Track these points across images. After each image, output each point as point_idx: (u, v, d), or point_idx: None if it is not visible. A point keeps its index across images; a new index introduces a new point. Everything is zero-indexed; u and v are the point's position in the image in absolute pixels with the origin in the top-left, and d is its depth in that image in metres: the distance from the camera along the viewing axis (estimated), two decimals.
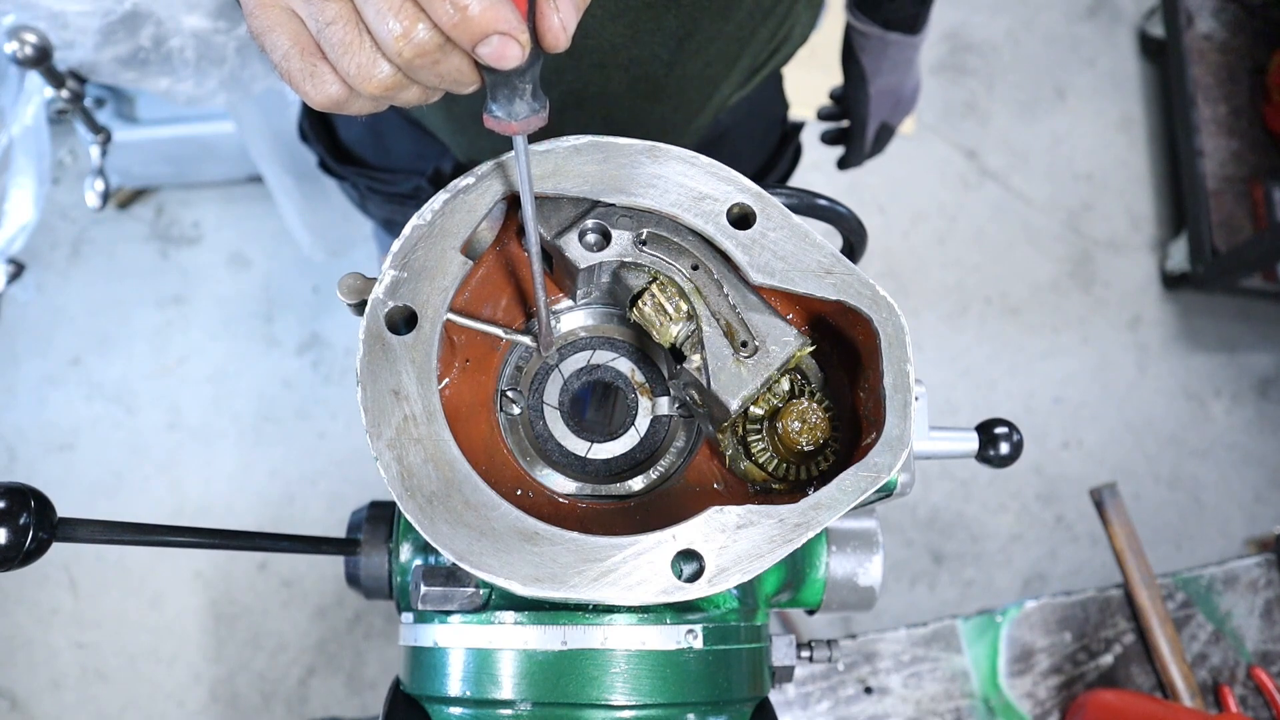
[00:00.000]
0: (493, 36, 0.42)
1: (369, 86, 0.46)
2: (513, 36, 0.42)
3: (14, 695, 2.16)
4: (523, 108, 0.47)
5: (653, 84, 0.93)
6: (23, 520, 0.50)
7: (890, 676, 1.13)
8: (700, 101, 1.01)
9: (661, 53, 0.89)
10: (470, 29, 0.41)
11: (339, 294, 0.57)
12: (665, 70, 0.92)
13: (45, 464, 2.33)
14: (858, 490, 0.53)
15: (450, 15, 0.41)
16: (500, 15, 0.41)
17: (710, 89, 1.00)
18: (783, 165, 1.29)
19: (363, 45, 0.45)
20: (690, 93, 0.98)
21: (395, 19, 0.42)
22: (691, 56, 0.91)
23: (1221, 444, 2.68)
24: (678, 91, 0.96)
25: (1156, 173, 2.96)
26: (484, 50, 0.42)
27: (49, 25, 1.68)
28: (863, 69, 1.17)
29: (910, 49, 1.17)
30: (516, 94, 0.46)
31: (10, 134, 1.84)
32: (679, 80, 0.94)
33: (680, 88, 0.96)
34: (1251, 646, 1.21)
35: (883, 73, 1.18)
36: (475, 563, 0.50)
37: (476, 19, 0.41)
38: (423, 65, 0.44)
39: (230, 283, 2.52)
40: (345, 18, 0.44)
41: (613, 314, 0.68)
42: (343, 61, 0.45)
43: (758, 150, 1.27)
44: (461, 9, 0.41)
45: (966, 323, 2.70)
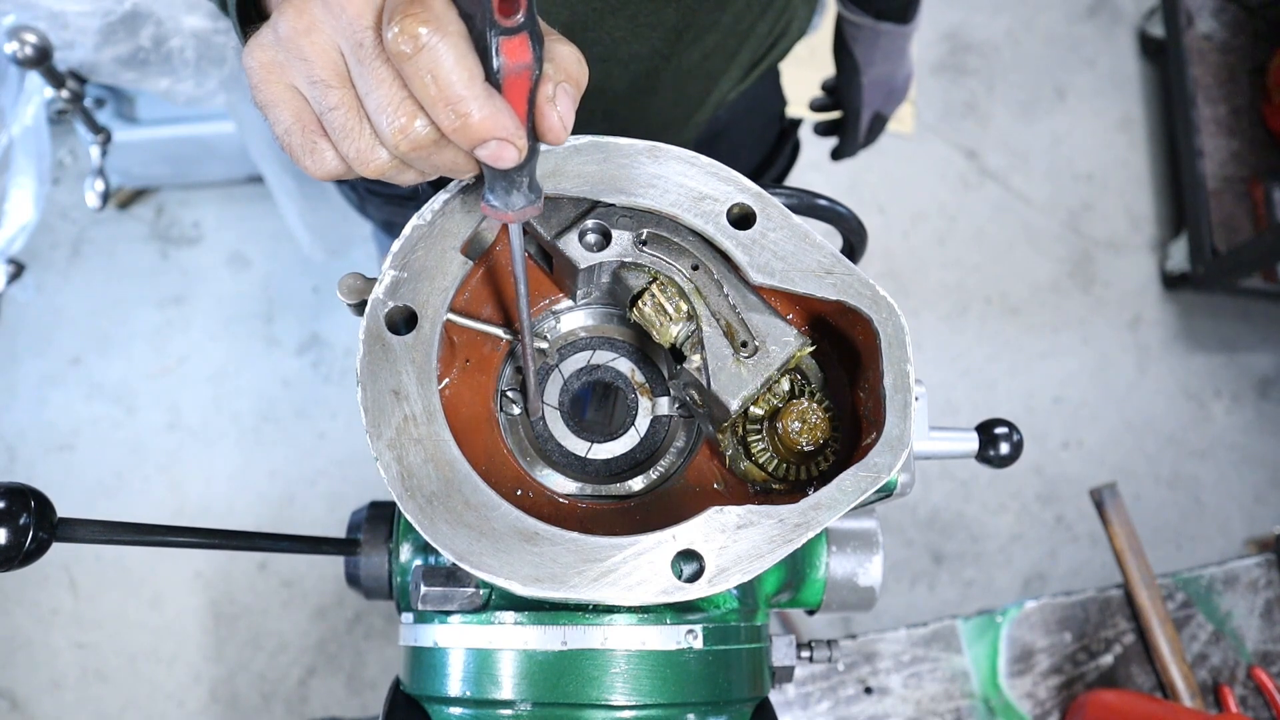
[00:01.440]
0: (490, 141, 0.43)
1: (367, 170, 0.47)
2: (510, 141, 0.43)
3: (14, 695, 2.16)
4: (519, 199, 0.48)
5: (652, 79, 0.93)
6: (23, 520, 0.50)
7: (890, 676, 1.13)
8: (700, 96, 1.01)
9: (661, 46, 0.89)
10: (469, 134, 0.43)
11: (339, 294, 0.57)
12: (664, 64, 0.92)
13: (45, 464, 2.33)
14: (858, 490, 0.53)
15: (450, 120, 0.42)
16: (499, 123, 0.43)
17: (710, 84, 1.00)
18: (781, 162, 1.29)
19: (362, 132, 0.46)
20: (689, 87, 0.98)
21: (395, 114, 0.44)
22: (689, 48, 0.91)
23: (1221, 444, 2.68)
24: (676, 86, 0.96)
25: (1156, 173, 2.96)
26: (482, 153, 0.44)
27: (49, 25, 1.68)
28: (855, 60, 1.18)
29: (902, 38, 1.17)
30: (514, 187, 0.48)
31: (10, 134, 1.84)
32: (678, 74, 0.94)
33: (679, 82, 0.96)
34: (1251, 646, 1.21)
35: (875, 63, 1.18)
36: (475, 563, 0.50)
37: (475, 125, 0.42)
38: (419, 157, 0.46)
39: (230, 283, 2.52)
40: (347, 104, 0.46)
41: (613, 314, 0.68)
42: (343, 144, 0.47)
43: (756, 146, 1.27)
44: (462, 115, 0.42)
45: (966, 323, 2.70)
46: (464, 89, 0.41)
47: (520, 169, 0.46)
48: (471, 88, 0.41)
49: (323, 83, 0.45)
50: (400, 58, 0.41)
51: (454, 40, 0.41)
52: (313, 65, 0.45)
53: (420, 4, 0.40)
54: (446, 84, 0.41)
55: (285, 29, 0.46)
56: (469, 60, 0.41)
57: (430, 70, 0.41)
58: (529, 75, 0.43)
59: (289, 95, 0.47)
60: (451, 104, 0.42)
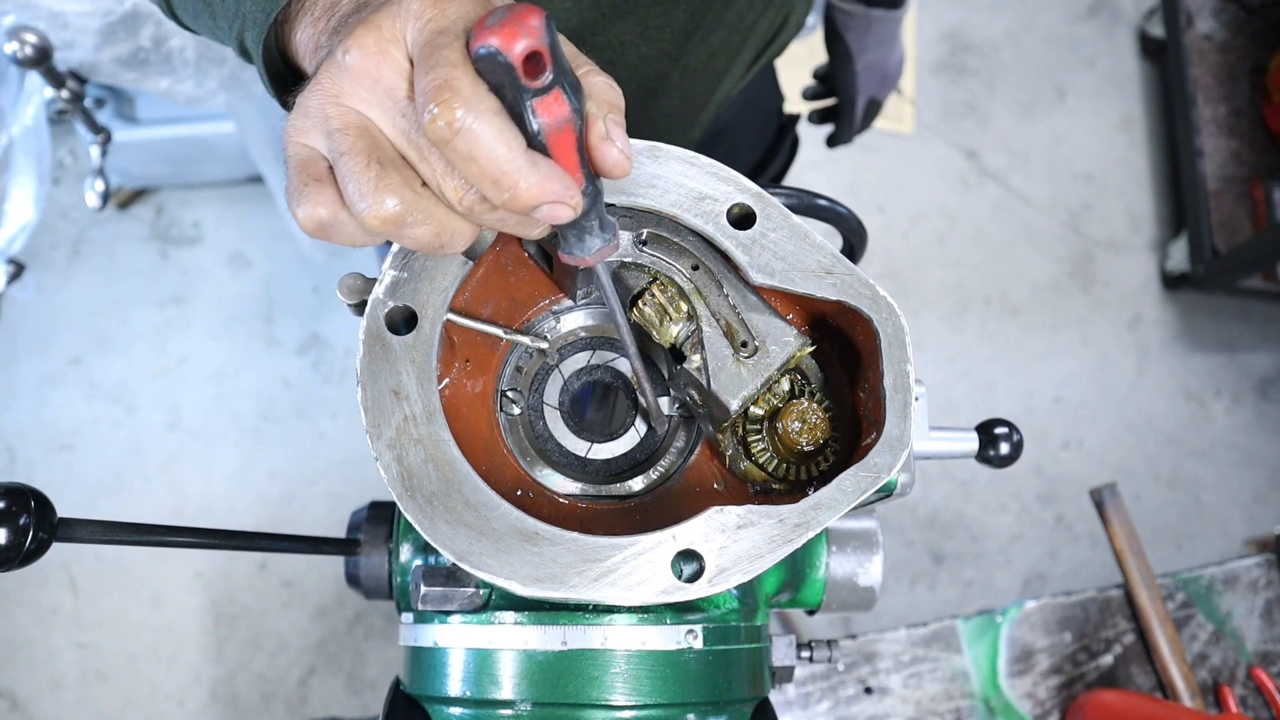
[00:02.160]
0: (543, 206, 0.43)
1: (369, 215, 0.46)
2: (562, 202, 0.44)
3: (14, 695, 2.16)
4: (593, 242, 0.49)
5: (660, 81, 0.93)
6: (23, 520, 0.50)
7: (890, 677, 1.13)
8: (705, 96, 1.01)
9: (669, 48, 0.89)
10: (520, 205, 0.43)
11: (339, 294, 0.57)
12: (671, 65, 0.92)
13: (45, 464, 2.33)
14: (858, 490, 0.53)
15: (499, 195, 0.43)
16: (547, 188, 0.43)
17: (715, 83, 1.00)
18: (781, 158, 1.30)
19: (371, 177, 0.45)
20: (695, 87, 0.98)
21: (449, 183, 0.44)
22: (696, 48, 0.91)
23: (1221, 444, 2.68)
24: (683, 87, 0.97)
25: (1156, 173, 2.96)
26: (539, 215, 0.44)
27: (49, 25, 1.68)
28: (848, 47, 1.19)
29: (893, 24, 1.18)
30: (584, 233, 0.48)
31: (10, 134, 1.84)
32: (685, 75, 0.95)
33: (686, 82, 0.96)
34: (1251, 646, 1.21)
35: (868, 49, 1.19)
36: (475, 563, 0.50)
37: (524, 195, 0.43)
38: (480, 213, 0.46)
39: (230, 283, 2.52)
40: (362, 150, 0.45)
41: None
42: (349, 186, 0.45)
43: (756, 143, 1.27)
44: (509, 189, 0.42)
45: (966, 323, 2.70)
46: (506, 164, 0.42)
47: (586, 215, 0.47)
48: (513, 160, 0.42)
49: (339, 131, 0.46)
50: (441, 144, 0.42)
51: (488, 117, 0.41)
52: (331, 120, 0.46)
53: (449, 89, 0.41)
54: (489, 162, 0.42)
55: (312, 98, 0.47)
56: (507, 134, 0.41)
57: (470, 152, 0.41)
58: (572, 126, 0.43)
59: (302, 150, 0.48)
60: (496, 180, 0.42)
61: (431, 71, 0.41)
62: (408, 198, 0.45)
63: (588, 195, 0.45)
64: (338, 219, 0.47)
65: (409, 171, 0.46)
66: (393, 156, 0.46)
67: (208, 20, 0.63)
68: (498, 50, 0.39)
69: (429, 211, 0.45)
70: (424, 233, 0.46)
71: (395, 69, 0.45)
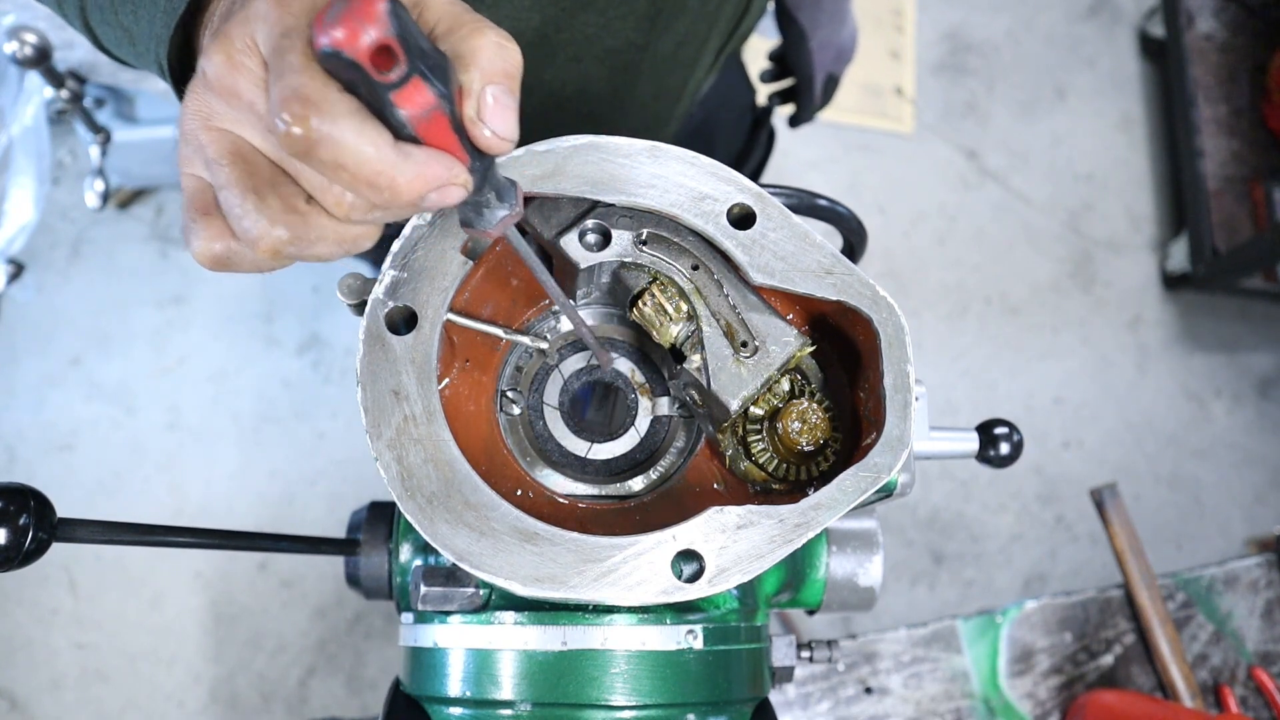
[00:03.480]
0: (429, 194, 0.41)
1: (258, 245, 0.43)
2: (449, 184, 0.42)
3: (14, 695, 2.16)
4: (495, 213, 0.47)
5: (631, 73, 0.93)
6: (23, 520, 0.50)
7: (890, 677, 1.13)
8: (678, 87, 1.01)
9: (635, 36, 0.89)
10: (402, 200, 0.41)
11: (339, 294, 0.57)
12: (640, 55, 0.92)
13: (45, 464, 2.33)
14: (858, 490, 0.53)
15: (379, 195, 0.41)
16: (428, 175, 0.41)
17: (686, 73, 1.00)
18: (758, 151, 1.30)
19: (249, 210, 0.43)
20: (667, 79, 0.98)
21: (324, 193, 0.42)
22: (662, 35, 0.91)
23: (1221, 444, 2.68)
24: (655, 78, 0.96)
25: (1156, 173, 2.96)
26: (425, 205, 0.42)
27: (49, 25, 1.68)
28: (800, 26, 1.19)
29: None
30: (482, 206, 0.46)
31: (10, 134, 1.84)
32: (655, 65, 0.94)
33: (657, 74, 0.96)
34: (1252, 647, 1.21)
35: (820, 25, 1.20)
36: (475, 563, 0.50)
37: (404, 189, 0.40)
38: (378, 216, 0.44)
39: (230, 283, 2.52)
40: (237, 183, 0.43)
41: (613, 314, 0.68)
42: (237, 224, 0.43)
43: (733, 138, 1.28)
44: (387, 188, 0.40)
45: (966, 323, 2.70)
46: (377, 163, 0.39)
47: (479, 190, 0.45)
48: (383, 159, 0.39)
49: (214, 161, 0.44)
50: (304, 157, 0.39)
51: (345, 120, 0.38)
52: (206, 149, 0.44)
53: (297, 98, 0.38)
54: (357, 166, 0.39)
55: (186, 123, 0.45)
56: (369, 132, 0.39)
57: (336, 160, 0.39)
58: (441, 110, 0.40)
59: (190, 182, 0.46)
60: (370, 181, 0.40)
61: (279, 81, 0.39)
62: (292, 221, 0.42)
63: (476, 171, 0.43)
64: (231, 251, 0.45)
65: (291, 188, 0.43)
66: (269, 179, 0.43)
67: (129, 49, 0.61)
68: (339, 49, 0.35)
69: (319, 228, 0.43)
70: (323, 249, 0.44)
71: (251, 81, 0.42)
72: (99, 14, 0.61)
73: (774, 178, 2.48)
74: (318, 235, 0.44)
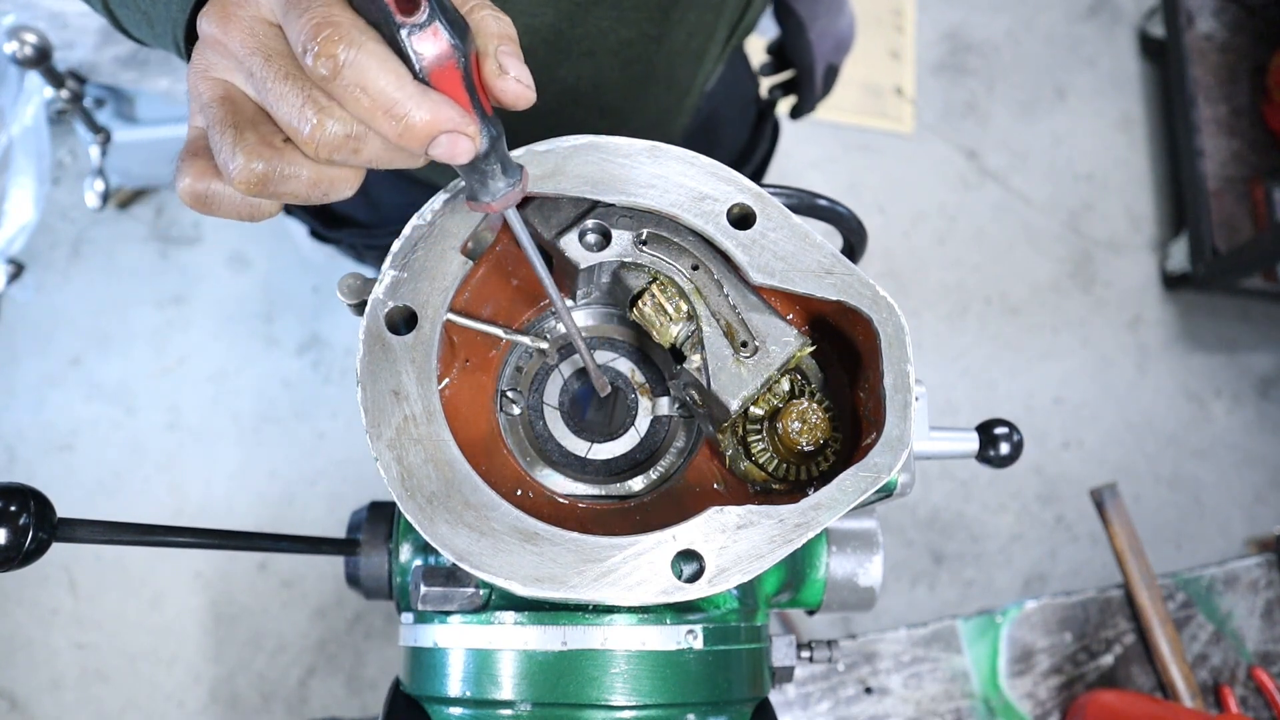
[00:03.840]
0: (440, 137, 0.43)
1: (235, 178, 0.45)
2: (460, 132, 0.43)
3: (14, 695, 2.16)
4: (499, 185, 0.48)
5: (644, 65, 0.94)
6: (23, 520, 0.50)
7: (890, 677, 1.13)
8: (688, 80, 1.02)
9: (649, 29, 0.90)
10: (415, 135, 0.42)
11: (339, 294, 0.57)
12: (654, 48, 0.92)
13: (45, 464, 2.33)
14: (858, 490, 0.53)
15: (393, 126, 0.42)
16: (441, 115, 0.42)
17: (696, 64, 1.01)
18: (764, 143, 1.31)
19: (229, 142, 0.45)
20: (679, 70, 0.99)
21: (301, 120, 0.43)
22: (675, 27, 0.92)
23: (1221, 444, 2.68)
24: (668, 70, 0.97)
25: (1156, 173, 2.96)
26: (436, 152, 0.43)
27: (49, 25, 1.68)
28: (799, 17, 1.20)
29: None
30: (487, 176, 0.47)
31: (10, 134, 1.84)
32: (668, 57, 0.95)
33: (669, 65, 0.96)
34: (1252, 647, 1.21)
35: (819, 16, 1.21)
36: (475, 563, 0.50)
37: (418, 125, 0.42)
38: (342, 158, 0.45)
39: (230, 283, 2.52)
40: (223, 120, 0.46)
41: (613, 314, 0.68)
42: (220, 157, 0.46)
43: (739, 131, 1.28)
44: (401, 118, 0.42)
45: (966, 323, 2.70)
46: (396, 92, 0.41)
47: (486, 157, 0.46)
48: (403, 89, 0.41)
49: (207, 105, 0.46)
50: (325, 81, 0.41)
51: (371, 49, 0.41)
52: (202, 95, 0.47)
53: (329, 25, 0.40)
54: (377, 93, 0.41)
55: (189, 79, 0.48)
56: (391, 64, 0.41)
57: (357, 84, 0.41)
58: (455, 63, 0.42)
59: (190, 132, 0.49)
60: (388, 110, 0.42)
61: (306, 13, 0.41)
62: (268, 155, 0.44)
63: (485, 135, 0.45)
64: (210, 189, 0.47)
65: (270, 127, 0.45)
66: (251, 118, 0.45)
67: (147, 30, 0.64)
68: None
69: (293, 164, 0.45)
70: (296, 186, 0.46)
71: (244, 30, 0.45)
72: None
73: (774, 178, 2.48)
74: (292, 172, 0.45)
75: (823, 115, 2.71)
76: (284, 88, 0.43)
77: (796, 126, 2.64)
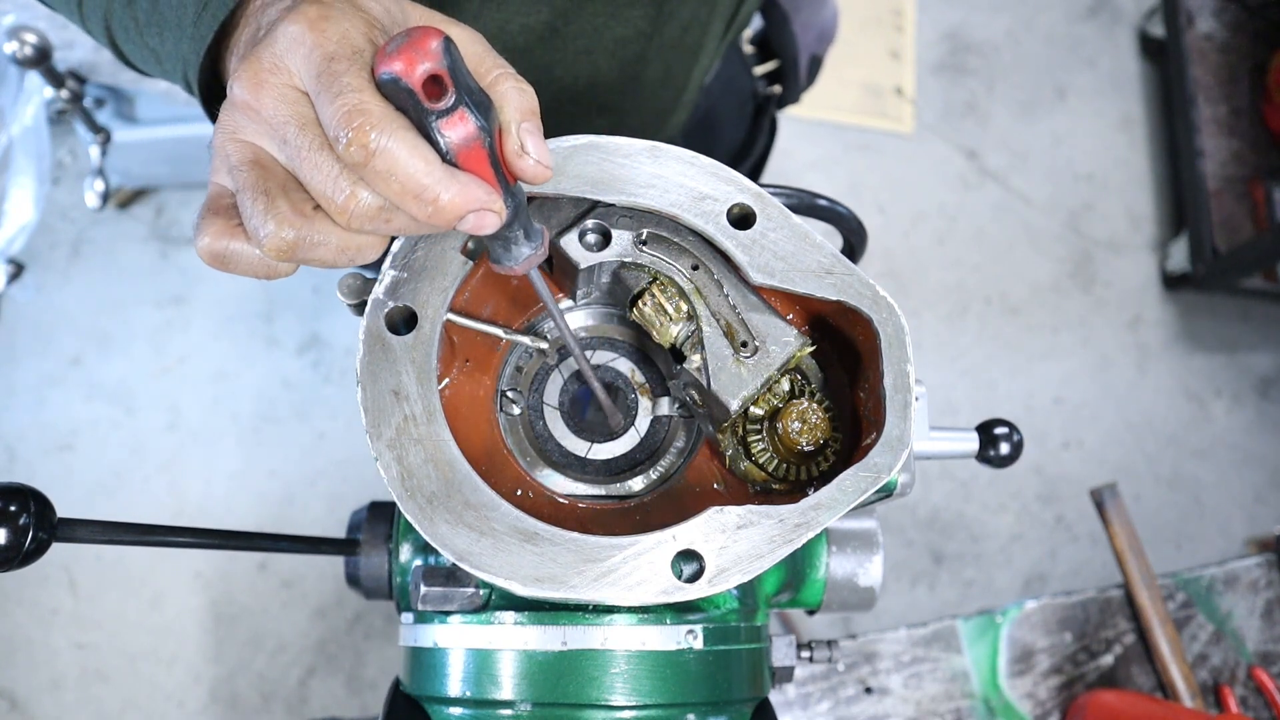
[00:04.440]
0: (468, 215, 0.44)
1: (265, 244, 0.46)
2: (487, 209, 0.45)
3: (14, 695, 2.16)
4: (522, 250, 0.50)
5: (640, 62, 0.94)
6: (23, 520, 0.50)
7: (890, 677, 1.13)
8: (685, 74, 1.02)
9: (643, 25, 0.90)
10: (444, 217, 0.44)
11: (339, 294, 0.57)
12: (649, 44, 0.92)
13: (45, 464, 2.33)
14: (858, 490, 0.53)
15: (423, 209, 0.44)
16: (469, 196, 0.44)
17: (692, 59, 1.01)
18: (762, 138, 1.31)
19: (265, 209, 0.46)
20: (675, 66, 0.99)
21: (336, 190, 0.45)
22: (668, 23, 0.92)
23: (1221, 444, 2.68)
24: (664, 65, 0.97)
25: (1156, 173, 2.96)
26: (464, 226, 0.45)
27: (49, 25, 1.68)
28: (783, 9, 1.21)
29: None
30: (511, 243, 0.49)
31: (10, 134, 1.84)
32: (662, 52, 0.95)
33: (665, 61, 0.96)
34: (1252, 647, 1.21)
35: (802, 8, 1.22)
36: (475, 563, 0.50)
37: (447, 207, 0.44)
38: (373, 227, 0.46)
39: (230, 283, 2.52)
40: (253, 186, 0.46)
41: (613, 314, 0.68)
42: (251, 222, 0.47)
43: (737, 126, 1.29)
44: (431, 201, 0.43)
45: (966, 323, 2.70)
46: (425, 177, 0.43)
47: (510, 225, 0.48)
48: (431, 174, 0.43)
49: (236, 168, 0.47)
50: (359, 167, 0.43)
51: (402, 135, 0.42)
52: (230, 157, 0.48)
53: (361, 113, 0.42)
54: (407, 177, 0.42)
55: (217, 138, 0.49)
56: (421, 149, 0.43)
57: (388, 170, 0.42)
58: (481, 143, 0.44)
59: (213, 189, 0.50)
60: (418, 194, 0.43)
61: (338, 99, 0.42)
62: (299, 223, 0.45)
63: (509, 206, 0.46)
64: (230, 249, 0.48)
65: (301, 195, 0.46)
66: (282, 184, 0.46)
67: (155, 66, 0.64)
68: (399, 76, 0.40)
69: (323, 233, 0.46)
70: (325, 253, 0.47)
71: (276, 97, 0.46)
72: (124, 34, 0.64)
73: (774, 178, 2.48)
74: (321, 239, 0.46)
75: (823, 115, 2.72)
76: (319, 158, 0.45)
77: (797, 126, 2.64)
